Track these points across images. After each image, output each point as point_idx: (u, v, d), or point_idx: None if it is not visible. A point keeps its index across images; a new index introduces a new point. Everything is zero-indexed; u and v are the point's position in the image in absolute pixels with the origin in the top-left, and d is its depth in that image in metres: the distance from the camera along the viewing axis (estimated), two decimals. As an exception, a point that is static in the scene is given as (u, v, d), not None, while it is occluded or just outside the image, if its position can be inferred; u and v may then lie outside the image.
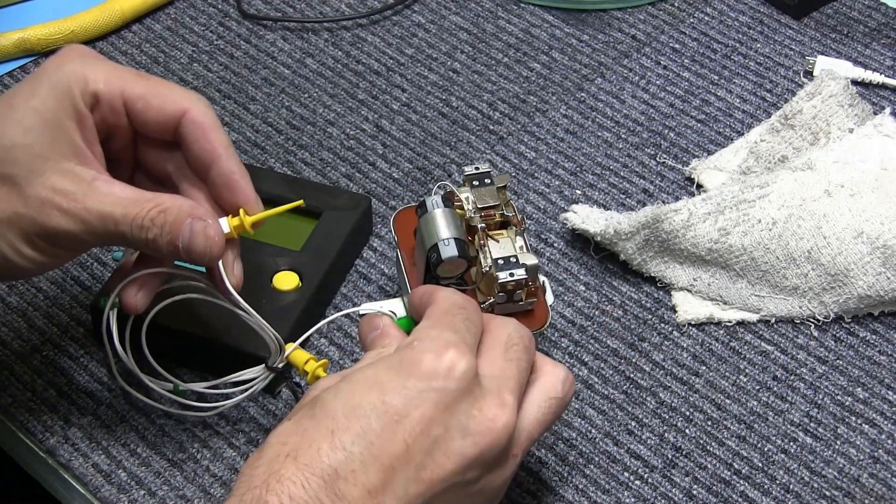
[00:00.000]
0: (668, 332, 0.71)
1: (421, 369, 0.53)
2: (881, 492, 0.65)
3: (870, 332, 0.72)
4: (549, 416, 0.57)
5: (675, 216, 0.71)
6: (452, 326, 0.55)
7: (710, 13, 0.90)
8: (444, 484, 0.52)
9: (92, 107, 0.58)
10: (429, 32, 0.89)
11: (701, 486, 0.65)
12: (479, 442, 0.53)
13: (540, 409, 0.57)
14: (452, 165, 0.80)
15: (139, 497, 0.63)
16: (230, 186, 0.60)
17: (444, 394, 0.52)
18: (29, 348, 0.70)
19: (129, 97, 0.59)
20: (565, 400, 0.58)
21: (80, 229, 0.56)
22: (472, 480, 0.53)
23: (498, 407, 0.54)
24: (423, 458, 0.52)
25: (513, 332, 0.57)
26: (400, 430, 0.52)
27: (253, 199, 0.60)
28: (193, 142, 0.59)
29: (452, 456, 0.52)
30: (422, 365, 0.53)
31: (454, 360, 0.53)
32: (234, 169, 0.60)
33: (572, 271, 0.74)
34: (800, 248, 0.71)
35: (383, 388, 0.52)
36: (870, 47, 0.87)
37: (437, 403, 0.52)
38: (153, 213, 0.56)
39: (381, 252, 0.75)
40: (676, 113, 0.83)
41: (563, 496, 0.64)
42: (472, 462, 0.53)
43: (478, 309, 0.58)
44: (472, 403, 0.53)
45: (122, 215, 0.56)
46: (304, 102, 0.84)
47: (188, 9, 0.90)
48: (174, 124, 0.59)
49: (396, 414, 0.52)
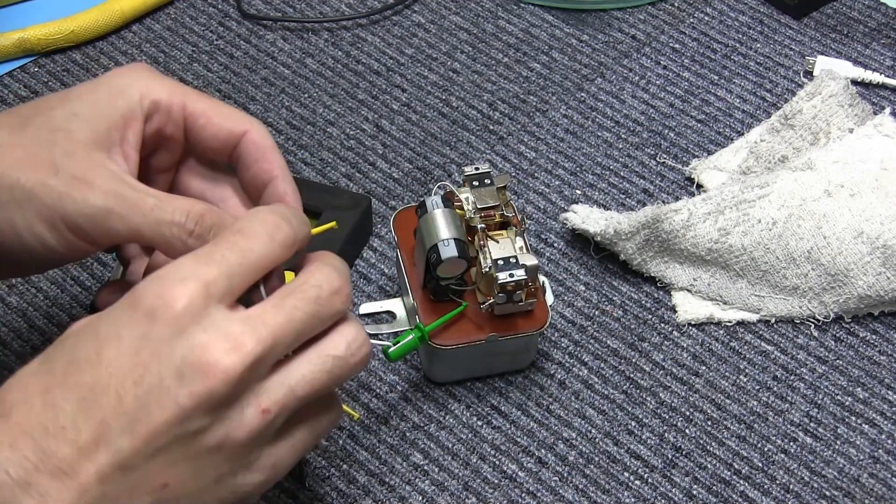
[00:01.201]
0: (668, 332, 0.71)
1: (137, 313, 0.49)
2: (881, 492, 0.65)
3: (870, 332, 0.72)
4: (321, 376, 0.51)
5: (675, 216, 0.71)
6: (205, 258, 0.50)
7: (710, 13, 0.90)
8: (164, 437, 0.48)
9: (150, 114, 0.57)
10: (429, 32, 0.89)
11: (701, 486, 0.65)
12: (195, 390, 0.48)
13: (311, 364, 0.51)
14: (452, 165, 0.80)
15: (139, 497, 0.63)
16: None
17: (156, 339, 0.48)
18: (29, 348, 0.70)
19: (192, 112, 0.58)
20: (349, 361, 0.52)
21: (102, 215, 0.54)
22: (200, 430, 0.49)
23: (224, 351, 0.48)
24: (137, 409, 0.48)
25: (309, 279, 0.52)
26: (113, 381, 0.48)
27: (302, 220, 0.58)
28: (253, 162, 0.59)
29: (167, 405, 0.48)
30: (139, 309, 0.49)
31: (174, 298, 0.48)
32: (287, 191, 0.59)
33: (572, 271, 0.74)
34: (800, 248, 0.71)
35: (98, 337, 0.49)
36: (870, 47, 0.87)
37: (151, 351, 0.48)
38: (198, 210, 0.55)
39: (381, 252, 0.75)
40: (676, 113, 0.83)
41: (563, 496, 0.64)
42: (190, 411, 0.48)
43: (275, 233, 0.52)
44: (193, 346, 0.48)
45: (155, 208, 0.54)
46: (304, 102, 0.84)
47: (188, 9, 0.90)
48: (234, 143, 0.59)
49: (109, 365, 0.48)
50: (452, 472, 0.66)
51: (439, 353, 0.66)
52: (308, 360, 0.52)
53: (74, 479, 0.48)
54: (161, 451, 0.48)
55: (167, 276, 0.50)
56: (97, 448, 0.48)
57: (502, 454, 0.66)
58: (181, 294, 0.49)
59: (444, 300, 0.66)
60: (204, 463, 0.50)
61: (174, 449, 0.49)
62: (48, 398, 0.48)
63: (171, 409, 0.48)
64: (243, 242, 0.51)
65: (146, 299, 0.49)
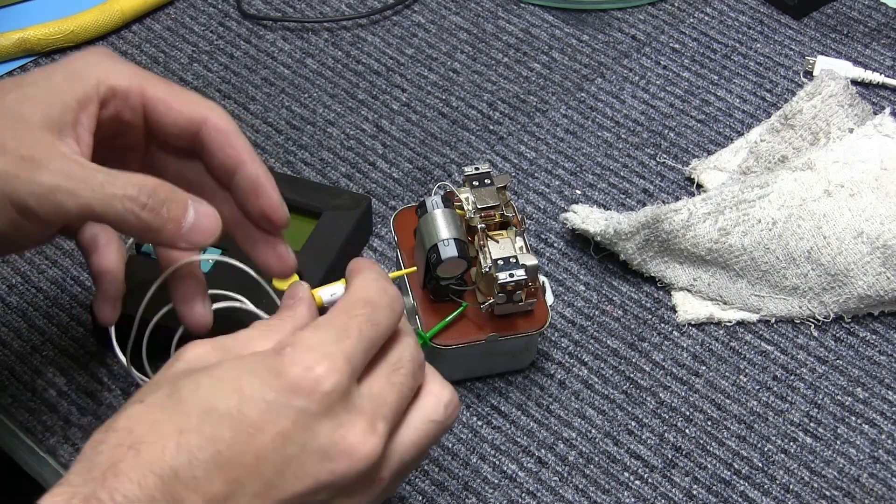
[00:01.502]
0: (668, 332, 0.71)
1: (284, 382, 0.49)
2: (881, 492, 0.65)
3: (870, 332, 0.72)
4: (425, 441, 0.54)
5: (675, 216, 0.71)
6: (341, 331, 0.51)
7: (710, 13, 0.90)
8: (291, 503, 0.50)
9: (106, 99, 0.57)
10: (429, 32, 0.89)
11: (701, 486, 0.65)
12: (336, 469, 0.50)
13: (417, 431, 0.53)
14: (452, 165, 0.80)
15: (139, 497, 0.63)
16: (256, 191, 0.59)
17: (304, 413, 0.49)
18: (29, 348, 0.70)
19: (151, 98, 0.58)
20: (446, 424, 0.54)
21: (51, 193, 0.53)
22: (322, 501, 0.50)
23: (364, 433, 0.50)
24: (273, 475, 0.49)
25: (405, 353, 0.54)
26: (253, 443, 0.49)
27: (278, 203, 0.59)
28: (218, 149, 0.58)
29: (304, 478, 0.49)
30: (286, 377, 0.49)
31: (322, 378, 0.49)
32: (259, 173, 0.58)
33: (572, 271, 0.74)
34: (800, 248, 0.71)
35: (243, 394, 0.49)
36: (870, 47, 0.87)
37: (295, 422, 0.49)
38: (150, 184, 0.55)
39: (381, 252, 0.75)
40: (676, 113, 0.83)
41: (563, 496, 0.64)
42: (325, 486, 0.50)
43: (393, 304, 0.53)
44: (337, 426, 0.50)
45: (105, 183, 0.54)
46: (304, 102, 0.84)
47: (188, 9, 0.90)
48: (194, 130, 0.58)
49: (251, 426, 0.49)
50: (452, 472, 0.66)
51: (439, 353, 0.66)
52: (414, 429, 0.53)
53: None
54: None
55: (313, 348, 0.50)
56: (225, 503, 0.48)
57: (502, 454, 0.66)
58: (330, 372, 0.50)
59: (444, 300, 0.66)
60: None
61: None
62: (182, 442, 0.48)
63: (308, 482, 0.49)
64: (374, 315, 0.52)
65: (293, 369, 0.50)
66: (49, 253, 0.75)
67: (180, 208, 0.55)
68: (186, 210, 0.55)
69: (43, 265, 0.74)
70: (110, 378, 0.69)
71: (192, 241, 0.56)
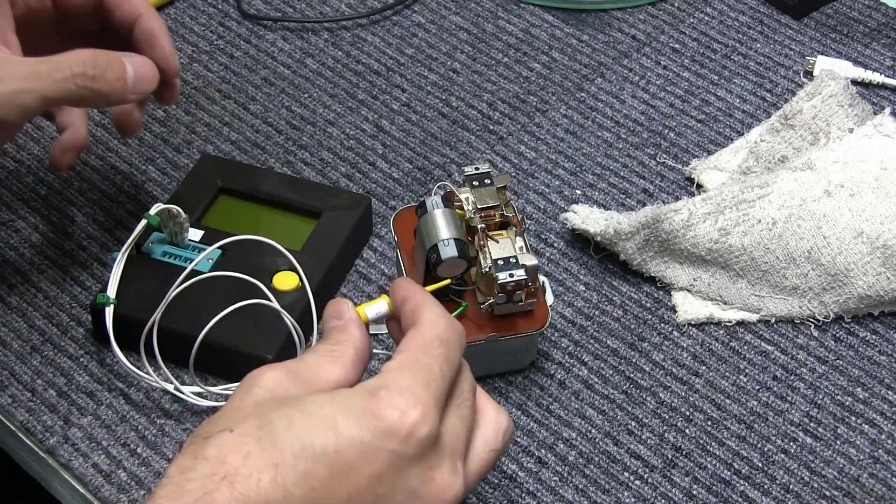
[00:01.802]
0: (668, 332, 0.71)
1: (381, 425, 0.50)
2: (881, 492, 0.65)
3: (870, 332, 0.72)
4: (485, 470, 0.55)
5: (675, 216, 0.71)
6: (428, 374, 0.52)
7: (710, 13, 0.90)
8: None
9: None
10: (429, 32, 0.89)
11: (701, 486, 0.65)
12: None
13: (480, 462, 0.54)
14: (452, 165, 0.80)
15: (139, 497, 0.64)
16: (151, 42, 0.68)
17: (399, 456, 0.50)
18: (29, 348, 0.70)
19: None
20: (502, 452, 0.55)
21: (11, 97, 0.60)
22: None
23: (451, 475, 0.52)
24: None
25: (465, 385, 0.55)
26: (346, 482, 0.49)
27: (170, 52, 0.68)
28: (117, 6, 0.68)
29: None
30: (383, 421, 0.50)
31: (418, 423, 0.50)
32: (153, 25, 0.68)
33: (572, 271, 0.74)
34: (800, 248, 0.71)
35: (339, 434, 0.50)
36: (870, 47, 0.87)
37: (390, 464, 0.50)
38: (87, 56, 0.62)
39: (381, 252, 0.75)
40: (676, 113, 0.83)
41: (563, 496, 0.64)
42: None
43: (460, 340, 0.55)
44: (427, 469, 0.51)
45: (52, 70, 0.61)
46: (304, 102, 0.84)
47: (188, 9, 0.90)
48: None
49: (346, 466, 0.49)
50: (452, 472, 0.66)
51: (439, 353, 0.65)
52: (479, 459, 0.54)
53: None
54: None
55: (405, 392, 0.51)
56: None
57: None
58: (425, 419, 0.51)
59: (444, 300, 0.66)
60: None
61: None
62: (277, 478, 0.48)
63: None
64: (449, 354, 0.54)
65: (389, 412, 0.50)
66: (49, 253, 0.75)
67: (120, 67, 0.64)
68: (125, 66, 0.64)
69: (43, 265, 0.74)
70: (110, 378, 0.69)
71: (140, 91, 0.65)
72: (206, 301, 0.66)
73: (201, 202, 0.74)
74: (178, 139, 0.81)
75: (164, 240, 0.71)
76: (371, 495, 0.50)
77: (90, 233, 0.76)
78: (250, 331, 0.66)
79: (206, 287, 0.64)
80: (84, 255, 0.75)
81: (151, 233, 0.71)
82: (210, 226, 0.72)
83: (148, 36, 0.68)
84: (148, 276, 0.69)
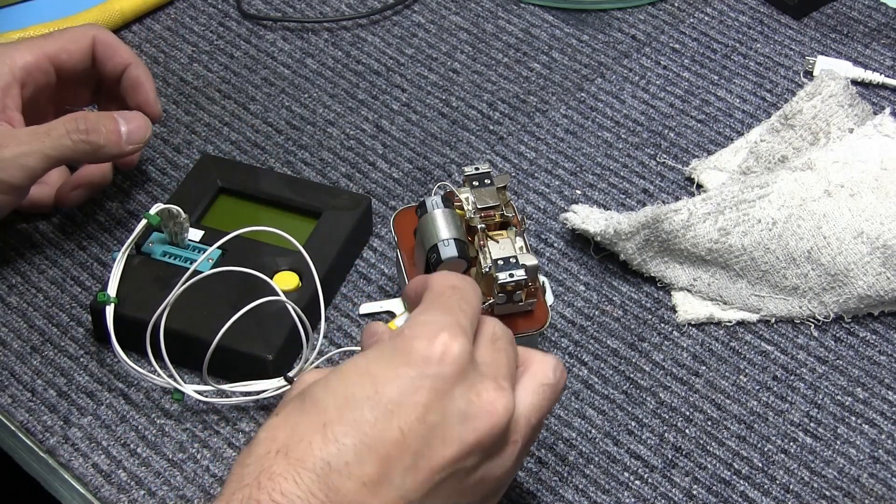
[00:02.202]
0: (668, 332, 0.71)
1: (413, 357, 0.52)
2: (881, 492, 0.65)
3: (870, 332, 0.72)
4: (544, 402, 0.56)
5: (675, 216, 0.71)
6: (446, 308, 0.54)
7: (710, 13, 0.90)
8: (443, 472, 0.51)
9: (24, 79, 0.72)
10: (429, 32, 0.89)
11: (701, 486, 0.65)
12: (479, 427, 0.52)
13: (535, 394, 0.56)
14: (452, 165, 0.80)
15: (139, 497, 0.64)
16: (136, 88, 0.74)
17: (439, 380, 0.51)
18: (29, 348, 0.70)
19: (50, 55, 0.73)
20: (558, 386, 0.57)
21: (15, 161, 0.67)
22: (471, 468, 0.52)
23: (496, 391, 0.53)
24: (421, 446, 0.51)
25: (497, 328, 0.57)
26: (395, 419, 0.50)
27: (153, 99, 0.75)
28: (107, 59, 0.74)
29: (451, 443, 0.51)
30: (414, 352, 0.52)
31: (447, 343, 0.52)
32: (140, 73, 0.74)
33: (572, 271, 0.74)
34: (800, 248, 0.71)
35: (375, 378, 0.51)
36: (870, 47, 0.87)
37: (432, 390, 0.51)
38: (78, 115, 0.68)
39: (381, 252, 0.75)
40: (676, 113, 0.83)
41: (563, 496, 0.64)
42: (472, 448, 0.52)
43: (475, 287, 0.57)
44: (469, 388, 0.52)
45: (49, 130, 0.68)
46: (304, 102, 0.84)
47: (188, 9, 0.90)
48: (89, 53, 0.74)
49: (390, 403, 0.51)
50: (452, 472, 0.66)
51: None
52: (531, 392, 0.56)
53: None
54: (437, 486, 0.51)
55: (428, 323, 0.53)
56: (380, 483, 0.50)
57: (502, 454, 0.66)
58: (453, 338, 0.52)
59: (444, 300, 0.66)
60: (466, 496, 0.53)
61: (448, 485, 0.52)
62: (327, 434, 0.50)
63: (455, 447, 0.51)
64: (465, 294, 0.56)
65: (417, 343, 0.52)
66: (49, 253, 0.75)
67: (111, 121, 0.69)
68: (117, 121, 0.69)
69: (43, 265, 0.74)
70: (110, 378, 0.69)
71: (135, 141, 0.70)
72: (206, 301, 0.66)
73: (201, 202, 0.74)
74: (178, 139, 0.81)
75: (164, 240, 0.71)
76: (424, 427, 0.51)
77: (90, 233, 0.76)
78: (251, 331, 0.66)
79: (207, 286, 0.64)
80: (84, 255, 0.75)
81: (151, 233, 0.71)
82: (210, 226, 0.72)
83: (134, 83, 0.74)
84: (148, 275, 0.69)
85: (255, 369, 0.66)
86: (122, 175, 0.79)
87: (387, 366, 0.52)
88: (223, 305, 0.66)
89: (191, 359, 0.66)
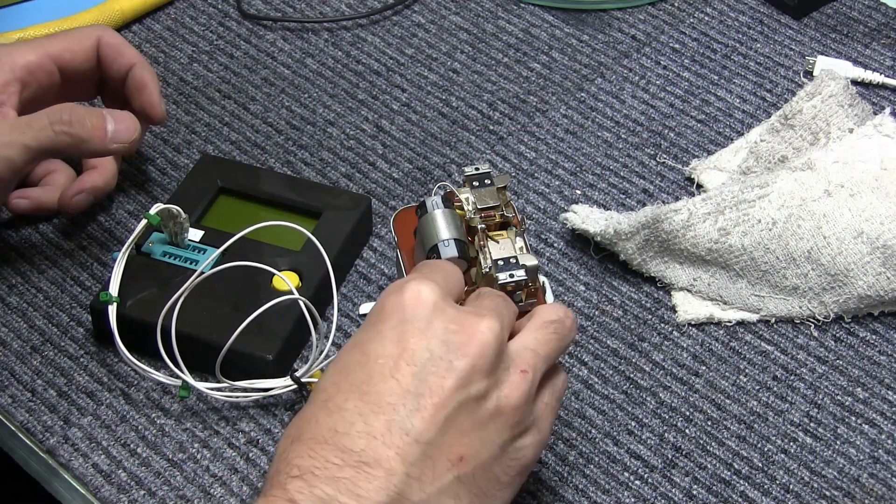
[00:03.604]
0: (668, 332, 0.71)
1: (387, 311, 0.54)
2: (881, 492, 0.65)
3: (870, 332, 0.72)
4: (550, 336, 0.57)
5: (675, 216, 0.71)
6: (415, 270, 0.58)
7: (710, 13, 0.90)
8: (449, 405, 0.52)
9: (25, 78, 0.71)
10: (429, 32, 0.89)
11: (701, 486, 0.65)
12: (469, 351, 0.53)
13: (537, 330, 0.57)
14: (452, 165, 0.80)
15: (139, 497, 0.64)
16: (140, 89, 0.74)
17: (415, 321, 0.53)
18: (29, 348, 0.70)
19: (53, 55, 0.73)
20: (564, 324, 0.58)
21: None
22: (479, 396, 0.53)
23: (475, 316, 0.54)
24: (418, 386, 0.52)
25: (484, 289, 0.59)
26: (385, 369, 0.52)
27: (157, 100, 0.74)
28: (112, 59, 0.74)
29: (446, 373, 0.52)
30: (387, 306, 0.54)
31: (416, 288, 0.54)
32: (144, 74, 0.74)
33: (572, 271, 0.74)
34: (800, 248, 0.71)
35: (360, 343, 0.54)
36: (870, 47, 0.87)
37: (413, 332, 0.53)
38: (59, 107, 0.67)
39: (381, 252, 0.75)
40: (676, 113, 0.83)
41: (563, 496, 0.64)
42: (468, 372, 0.53)
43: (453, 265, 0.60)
44: (450, 321, 0.54)
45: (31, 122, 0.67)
46: (304, 102, 0.84)
47: (188, 9, 0.90)
48: (94, 53, 0.74)
49: (378, 358, 0.52)
50: (452, 472, 0.65)
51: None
52: (532, 329, 0.57)
53: (378, 468, 0.50)
54: (450, 421, 0.52)
55: (399, 285, 0.55)
56: (391, 432, 0.51)
57: (502, 454, 0.66)
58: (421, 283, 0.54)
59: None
60: (489, 431, 0.53)
61: (461, 417, 0.52)
62: (330, 407, 0.52)
63: (451, 375, 0.52)
64: (440, 264, 0.59)
65: (389, 298, 0.55)
66: (49, 253, 0.75)
67: (98, 117, 0.68)
68: (104, 118, 0.68)
69: (43, 265, 0.74)
70: (110, 378, 0.69)
71: (120, 141, 0.69)
72: (209, 301, 0.66)
73: (201, 202, 0.74)
74: (178, 139, 0.81)
75: (165, 240, 0.71)
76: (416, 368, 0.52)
77: (90, 233, 0.76)
78: (251, 331, 0.66)
79: (208, 286, 0.64)
80: (84, 255, 0.75)
81: (151, 233, 0.71)
82: (210, 226, 0.72)
83: (139, 84, 0.74)
84: (148, 276, 0.69)
85: (255, 369, 0.66)
86: (122, 175, 0.79)
87: (367, 330, 0.54)
88: (226, 306, 0.66)
89: (193, 359, 0.66)
